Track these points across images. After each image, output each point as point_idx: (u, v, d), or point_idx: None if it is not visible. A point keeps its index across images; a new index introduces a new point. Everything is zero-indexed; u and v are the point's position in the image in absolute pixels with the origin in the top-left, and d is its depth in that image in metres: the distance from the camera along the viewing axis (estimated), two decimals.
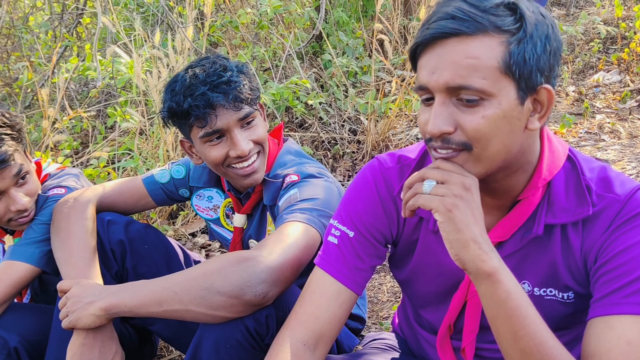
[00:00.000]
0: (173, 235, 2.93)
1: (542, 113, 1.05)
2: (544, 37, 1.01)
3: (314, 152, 3.44)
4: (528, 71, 1.00)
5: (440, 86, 1.01)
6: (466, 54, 0.99)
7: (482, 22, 0.98)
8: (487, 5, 0.99)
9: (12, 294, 1.64)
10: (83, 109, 3.42)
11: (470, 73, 0.99)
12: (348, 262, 1.26)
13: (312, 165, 1.67)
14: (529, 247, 1.17)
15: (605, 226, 1.10)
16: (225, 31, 4.29)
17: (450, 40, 1.00)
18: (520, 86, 1.01)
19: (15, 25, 4.59)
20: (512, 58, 0.99)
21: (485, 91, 0.99)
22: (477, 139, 1.02)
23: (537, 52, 1.00)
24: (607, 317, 1.06)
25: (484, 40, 0.99)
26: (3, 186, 1.63)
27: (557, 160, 1.14)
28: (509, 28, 0.99)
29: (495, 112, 1.00)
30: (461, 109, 1.01)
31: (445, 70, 1.00)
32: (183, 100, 1.54)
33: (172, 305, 1.30)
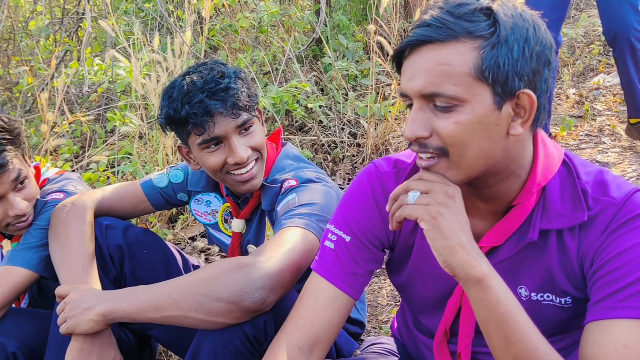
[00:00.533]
0: (172, 239, 2.93)
1: (525, 118, 1.04)
2: (522, 41, 1.00)
3: (313, 155, 3.44)
4: (503, 76, 0.99)
5: (415, 92, 1.03)
6: (438, 61, 1.00)
7: (454, 28, 0.99)
8: (462, 11, 1.00)
9: (10, 300, 1.64)
10: (82, 113, 3.42)
11: (442, 80, 0.99)
12: (344, 267, 1.26)
13: (310, 169, 1.67)
14: (525, 252, 1.17)
15: (601, 229, 1.09)
16: (225, 35, 4.29)
17: (424, 48, 1.01)
18: (496, 91, 1.00)
19: (16, 30, 4.59)
20: (485, 63, 0.98)
21: (457, 97, 1.00)
22: (452, 145, 1.03)
23: (512, 57, 0.99)
24: (604, 321, 1.05)
25: (456, 46, 0.99)
26: (1, 191, 1.62)
27: (551, 165, 1.13)
28: (482, 33, 0.99)
29: (468, 117, 1.00)
30: (437, 114, 1.02)
31: (419, 78, 1.01)
32: (181, 108, 1.54)
33: (170, 311, 1.30)
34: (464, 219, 1.06)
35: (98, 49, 4.54)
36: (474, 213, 1.19)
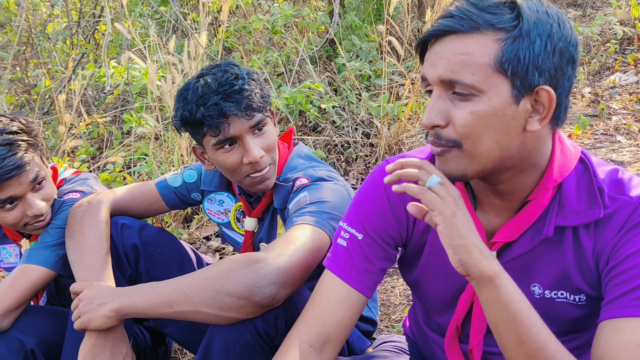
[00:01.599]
0: (187, 239, 2.96)
1: (543, 115, 1.04)
2: (545, 36, 1.00)
3: (326, 155, 3.45)
4: (524, 70, 1.00)
5: (434, 79, 1.05)
6: (459, 51, 1.01)
7: (477, 20, 1.01)
8: (486, 3, 1.02)
9: (29, 297, 1.67)
10: (99, 115, 3.47)
11: (461, 68, 1.01)
12: (357, 265, 1.26)
13: (322, 168, 1.69)
14: (539, 249, 1.17)
15: (617, 228, 1.09)
16: (239, 37, 4.33)
17: (447, 38, 1.03)
18: (514, 85, 1.01)
19: (34, 34, 4.66)
20: (505, 55, 0.99)
21: (475, 87, 1.01)
22: (465, 135, 1.04)
23: (534, 51, 1.00)
24: (617, 319, 1.05)
25: (478, 38, 1.01)
26: (20, 192, 1.66)
27: (568, 162, 1.13)
28: (504, 26, 1.00)
29: (484, 108, 1.01)
30: (455, 103, 1.04)
31: (439, 65, 1.03)
32: (196, 110, 1.56)
33: (182, 307, 1.32)
34: (471, 219, 1.08)
35: (114, 52, 4.60)
36: (488, 209, 1.19)
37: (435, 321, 1.37)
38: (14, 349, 1.62)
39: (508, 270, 1.17)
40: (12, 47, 4.05)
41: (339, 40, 4.23)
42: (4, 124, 1.65)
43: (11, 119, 1.69)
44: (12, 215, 1.67)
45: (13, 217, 1.68)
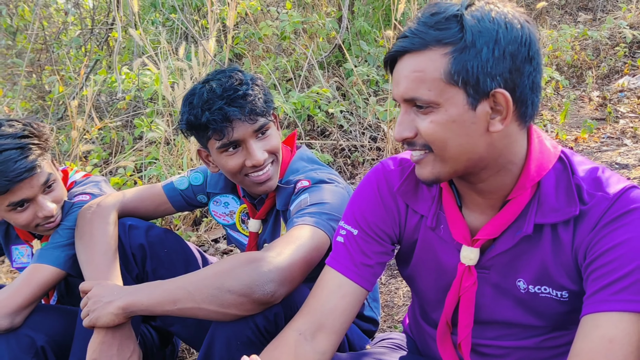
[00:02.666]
0: (196, 241, 3.01)
1: (503, 115, 1.09)
2: (492, 43, 1.04)
3: (333, 159, 3.49)
4: (474, 78, 1.05)
5: (399, 97, 1.13)
6: (413, 69, 1.08)
7: (426, 38, 1.07)
8: (434, 20, 1.08)
9: (39, 295, 1.72)
10: (111, 120, 3.54)
11: (417, 85, 1.08)
12: (354, 258, 1.32)
13: (323, 171, 1.73)
14: (521, 245, 1.20)
15: (593, 223, 1.12)
16: (249, 43, 4.39)
17: (405, 57, 1.11)
18: (468, 93, 1.06)
19: (48, 41, 4.76)
20: (454, 68, 1.05)
21: (431, 101, 1.08)
22: (431, 142, 1.11)
23: (482, 59, 1.04)
24: (595, 314, 1.08)
25: (429, 54, 1.07)
26: (31, 194, 1.71)
27: (546, 161, 1.17)
28: (450, 40, 1.06)
29: (442, 117, 1.08)
30: (419, 115, 1.11)
31: (400, 84, 1.11)
32: (201, 114, 1.61)
33: (185, 304, 1.36)
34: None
35: (127, 58, 4.68)
36: (473, 207, 1.24)
37: (430, 315, 1.40)
38: (25, 346, 1.67)
39: (495, 265, 1.23)
40: (26, 54, 4.14)
41: (348, 46, 4.27)
42: (16, 128, 1.70)
43: (23, 123, 1.74)
44: (23, 217, 1.73)
45: (24, 219, 1.73)
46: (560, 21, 6.22)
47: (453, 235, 1.25)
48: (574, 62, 4.84)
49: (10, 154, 1.64)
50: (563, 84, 4.40)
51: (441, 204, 1.28)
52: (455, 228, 1.25)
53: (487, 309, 1.27)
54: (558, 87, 4.53)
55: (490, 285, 1.25)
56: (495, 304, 1.26)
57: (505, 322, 1.26)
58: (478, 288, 1.25)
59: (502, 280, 1.24)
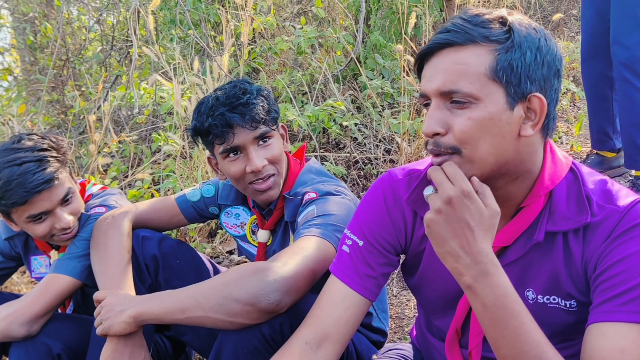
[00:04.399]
0: (211, 252, 3.06)
1: (535, 121, 1.11)
2: (535, 48, 1.09)
3: (347, 171, 3.52)
4: (517, 78, 1.08)
5: (434, 91, 1.11)
6: (455, 61, 1.09)
7: (472, 33, 1.09)
8: (479, 19, 1.10)
9: (56, 304, 1.77)
10: (129, 134, 3.62)
11: (459, 78, 1.08)
12: (358, 269, 1.33)
13: (330, 183, 1.76)
14: (532, 254, 1.21)
15: (605, 236, 1.14)
16: (266, 58, 4.46)
17: (444, 51, 1.11)
18: (509, 92, 1.08)
19: (70, 57, 4.88)
20: (499, 64, 1.07)
21: (472, 95, 1.08)
22: (464, 140, 1.09)
23: (525, 61, 1.08)
24: (603, 324, 1.09)
25: (474, 49, 1.09)
26: (50, 206, 1.77)
27: (559, 170, 1.19)
28: (497, 38, 1.08)
29: (481, 114, 1.08)
30: (452, 111, 1.10)
31: (438, 77, 1.11)
32: (205, 120, 1.70)
33: (194, 312, 1.40)
34: (460, 224, 1.08)
35: (147, 74, 4.78)
36: None
37: (435, 325, 1.41)
38: (42, 353, 1.72)
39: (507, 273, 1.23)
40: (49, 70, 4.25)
41: (363, 59, 4.31)
42: (35, 142, 1.77)
43: (42, 137, 1.81)
44: (41, 228, 1.79)
45: (42, 230, 1.79)
46: (577, 32, 6.20)
47: None
48: None
49: (29, 167, 1.70)
50: (579, 96, 4.38)
51: None
52: None
53: None
54: (574, 98, 4.52)
55: None
56: None
57: None
58: None
59: None
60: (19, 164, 1.69)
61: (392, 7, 4.66)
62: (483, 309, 1.10)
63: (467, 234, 1.08)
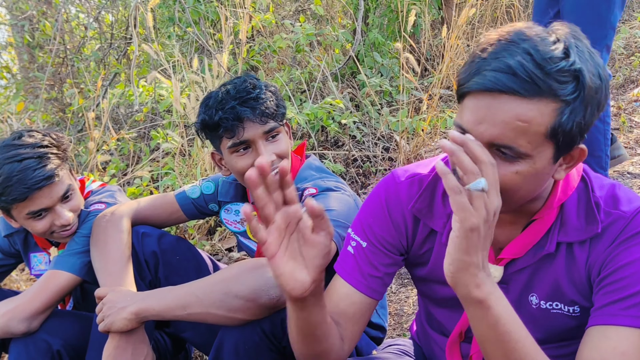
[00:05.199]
0: (210, 250, 3.06)
1: (570, 165, 1.09)
2: (596, 105, 1.01)
3: (346, 169, 3.53)
4: (572, 135, 1.02)
5: (484, 139, 1.01)
6: (518, 116, 0.98)
7: (542, 86, 0.96)
8: (551, 68, 0.96)
9: (56, 301, 1.78)
10: (128, 132, 3.62)
11: (517, 135, 0.99)
12: (362, 270, 1.33)
13: (330, 179, 1.77)
14: (539, 262, 1.22)
15: (610, 241, 1.13)
16: (264, 55, 4.46)
17: (504, 96, 0.98)
18: (559, 148, 1.03)
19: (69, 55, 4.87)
20: (561, 127, 0.99)
21: (526, 154, 1.01)
22: (505, 190, 1.03)
23: (585, 119, 1.01)
24: (604, 326, 1.09)
25: (539, 105, 0.97)
26: (50, 203, 1.77)
27: (572, 181, 1.18)
28: (566, 98, 0.98)
29: (528, 169, 1.03)
30: (497, 160, 1.01)
31: (493, 127, 0.99)
32: (214, 114, 1.68)
33: (194, 309, 1.41)
34: (489, 238, 1.03)
35: (145, 72, 4.78)
36: (497, 223, 1.25)
37: (437, 319, 1.41)
38: (42, 350, 1.72)
39: (513, 281, 1.24)
40: (47, 68, 4.24)
41: (362, 57, 4.32)
42: (36, 138, 1.77)
43: (43, 133, 1.81)
44: (41, 224, 1.79)
45: (42, 226, 1.79)
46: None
47: None
48: None
49: (29, 163, 1.70)
50: None
51: None
52: None
53: None
54: None
55: None
56: None
57: None
58: None
59: (517, 296, 1.25)
60: (19, 160, 1.69)
61: (390, 6, 4.68)
62: (495, 323, 1.04)
63: (488, 246, 1.05)
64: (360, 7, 4.28)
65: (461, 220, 0.97)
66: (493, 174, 0.97)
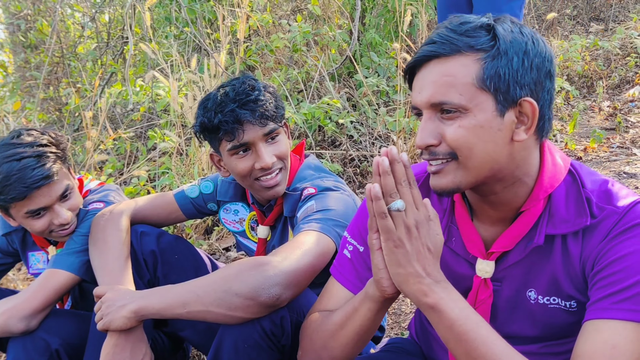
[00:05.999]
0: (207, 249, 3.06)
1: (527, 125, 1.11)
2: (522, 53, 1.08)
3: (343, 169, 3.53)
4: (505, 85, 1.08)
5: (424, 103, 1.12)
6: (443, 73, 1.09)
7: (457, 43, 1.09)
8: (464, 28, 1.10)
9: (54, 300, 1.77)
10: (125, 131, 3.62)
11: (447, 89, 1.09)
12: (360, 274, 1.35)
13: (329, 179, 1.77)
14: (533, 256, 1.22)
15: (603, 236, 1.14)
16: (261, 55, 4.46)
17: (431, 62, 1.11)
18: (498, 99, 1.08)
19: (65, 54, 4.86)
20: (486, 73, 1.07)
21: (461, 105, 1.08)
22: (458, 148, 1.10)
23: (512, 67, 1.08)
24: (597, 320, 1.10)
25: (460, 59, 1.09)
26: (49, 202, 1.76)
27: (558, 173, 1.19)
28: (483, 47, 1.08)
29: (470, 122, 1.09)
30: (444, 122, 1.11)
31: (427, 89, 1.11)
32: (214, 116, 1.67)
33: (194, 307, 1.41)
34: (426, 247, 1.12)
35: (142, 71, 4.77)
36: (485, 219, 1.26)
37: None
38: (40, 348, 1.72)
39: (508, 277, 1.24)
40: (44, 68, 4.24)
41: (359, 58, 4.33)
42: (34, 137, 1.76)
43: (41, 132, 1.80)
44: (40, 223, 1.78)
45: (40, 225, 1.78)
46: (572, 31, 6.24)
47: (468, 248, 1.26)
48: (585, 72, 4.86)
49: (28, 162, 1.70)
50: (573, 94, 4.42)
51: (453, 217, 1.30)
52: (470, 242, 1.26)
53: (497, 321, 1.28)
54: (568, 97, 4.55)
55: (501, 298, 1.27)
56: (506, 317, 1.28)
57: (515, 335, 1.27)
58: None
59: (513, 292, 1.25)
60: (18, 159, 1.69)
61: (386, 6, 4.68)
62: (451, 325, 1.10)
63: (428, 257, 1.12)
64: (357, 7, 4.29)
65: (385, 239, 1.11)
66: (409, 192, 1.10)
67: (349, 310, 1.26)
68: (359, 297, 1.25)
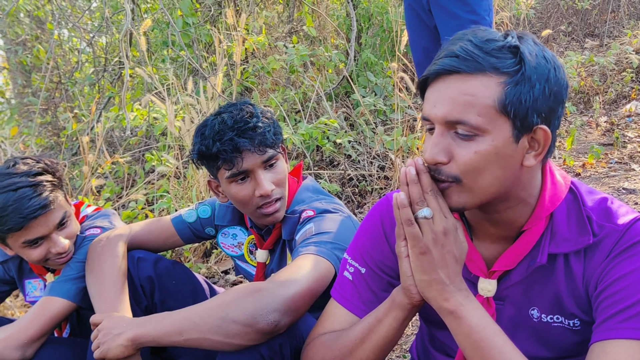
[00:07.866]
0: (206, 272, 3.04)
1: (538, 151, 1.10)
2: (544, 80, 1.06)
3: (342, 189, 3.53)
4: (524, 112, 1.05)
5: (439, 119, 1.08)
6: (463, 91, 1.05)
7: (482, 62, 1.05)
8: (490, 47, 1.06)
9: (50, 328, 1.75)
10: (123, 155, 3.61)
11: (466, 109, 1.05)
12: (362, 297, 1.33)
13: (327, 201, 1.76)
14: (535, 275, 1.21)
15: (605, 255, 1.14)
16: (258, 77, 4.48)
17: (451, 77, 1.07)
18: (515, 125, 1.06)
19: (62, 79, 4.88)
20: (508, 98, 1.04)
21: (479, 127, 1.05)
22: (466, 172, 1.07)
23: (534, 95, 1.05)
24: (603, 342, 1.09)
25: (482, 79, 1.05)
26: (46, 231, 1.75)
27: (559, 192, 1.19)
28: (508, 70, 1.05)
29: (487, 148, 1.06)
30: (457, 141, 1.07)
31: (444, 105, 1.07)
32: (212, 145, 1.66)
33: (191, 334, 1.39)
34: (453, 254, 1.12)
35: (140, 94, 4.78)
36: (485, 237, 1.25)
37: (439, 340, 1.40)
38: None
39: (510, 295, 1.23)
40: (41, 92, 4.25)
41: (355, 77, 4.34)
42: (30, 166, 1.75)
43: (36, 160, 1.79)
44: (37, 253, 1.77)
45: (37, 254, 1.77)
46: (567, 48, 6.28)
47: (469, 268, 1.25)
48: (581, 88, 4.87)
49: (25, 192, 1.68)
50: (570, 110, 4.43)
51: None
52: (470, 261, 1.24)
53: None
54: (565, 113, 4.56)
55: (504, 317, 1.25)
56: (509, 335, 1.26)
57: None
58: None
59: (516, 311, 1.24)
60: (14, 189, 1.68)
61: (382, 26, 4.71)
62: (469, 331, 1.10)
63: (453, 264, 1.12)
64: (353, 28, 4.31)
65: (411, 246, 1.12)
66: (435, 201, 1.10)
67: (371, 322, 1.25)
68: (383, 307, 1.24)
